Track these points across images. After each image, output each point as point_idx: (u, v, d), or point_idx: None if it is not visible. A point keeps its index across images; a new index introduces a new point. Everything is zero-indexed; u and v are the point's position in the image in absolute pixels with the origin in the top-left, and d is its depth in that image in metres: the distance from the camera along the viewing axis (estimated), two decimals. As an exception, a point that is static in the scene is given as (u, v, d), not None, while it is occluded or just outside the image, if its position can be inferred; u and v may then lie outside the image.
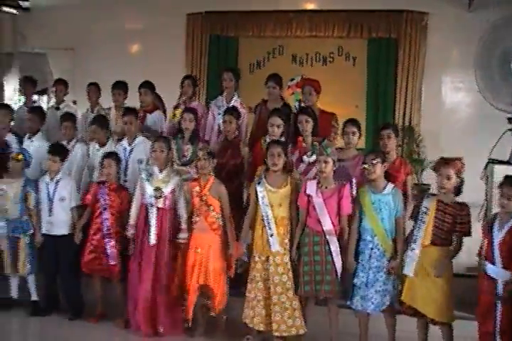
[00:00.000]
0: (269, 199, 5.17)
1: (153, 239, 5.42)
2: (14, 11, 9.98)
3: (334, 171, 5.11)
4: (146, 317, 5.42)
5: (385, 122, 7.86)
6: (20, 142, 6.67)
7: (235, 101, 6.68)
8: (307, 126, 5.81)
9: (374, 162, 4.96)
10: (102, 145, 6.38)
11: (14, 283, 6.11)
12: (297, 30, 9.56)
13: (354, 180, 5.45)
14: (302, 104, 6.87)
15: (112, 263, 5.67)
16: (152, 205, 5.46)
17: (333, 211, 5.04)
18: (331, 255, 5.01)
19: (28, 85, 7.62)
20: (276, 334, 5.11)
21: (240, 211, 5.66)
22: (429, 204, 4.85)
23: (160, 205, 5.46)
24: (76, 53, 10.12)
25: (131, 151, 6.23)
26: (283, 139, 5.76)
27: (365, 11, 9.13)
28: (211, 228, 5.30)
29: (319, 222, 5.03)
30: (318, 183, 5.10)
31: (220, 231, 5.34)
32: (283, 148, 5.22)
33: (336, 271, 5.00)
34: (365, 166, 4.99)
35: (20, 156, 5.95)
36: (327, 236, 5.02)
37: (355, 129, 5.81)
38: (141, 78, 6.98)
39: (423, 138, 8.78)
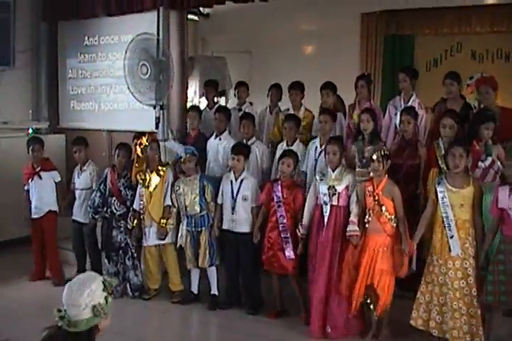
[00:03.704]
0: (450, 199, 4.99)
1: (327, 236, 5.43)
2: (196, 18, 10.45)
3: None
4: (318, 317, 5.45)
5: None
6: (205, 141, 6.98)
7: (413, 102, 6.50)
8: (490, 133, 5.42)
9: None
10: (290, 144, 6.43)
11: (195, 278, 6.36)
12: (477, 26, 9.20)
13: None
14: (481, 105, 6.49)
15: (288, 259, 5.74)
16: (326, 203, 5.48)
17: None
18: None
19: (211, 88, 7.88)
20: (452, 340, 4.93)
21: (415, 213, 5.50)
22: None
23: (334, 203, 5.46)
24: (253, 56, 10.43)
25: (320, 152, 6.17)
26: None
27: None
28: (384, 229, 5.20)
29: None
30: (510, 188, 4.83)
31: (392, 233, 5.21)
32: (464, 148, 5.03)
33: None
34: None
35: (186, 158, 6.20)
36: None
37: None
38: (317, 79, 7.01)
39: None
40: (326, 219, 5.48)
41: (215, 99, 7.84)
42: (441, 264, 5.01)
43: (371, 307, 5.26)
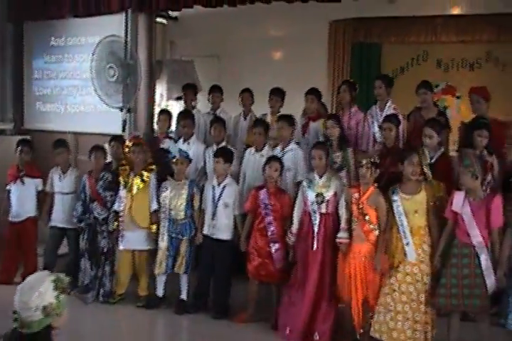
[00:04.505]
0: (404, 206, 5.05)
1: (316, 244, 5.40)
2: (164, 21, 10.41)
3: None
4: (305, 324, 5.40)
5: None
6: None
7: (389, 108, 6.54)
8: (485, 141, 5.52)
9: None
10: (259, 150, 6.45)
11: (161, 282, 6.30)
12: (443, 35, 9.35)
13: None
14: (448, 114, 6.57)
15: (277, 267, 5.71)
16: (315, 211, 5.46)
17: (482, 223, 4.83)
18: (481, 268, 4.81)
19: (189, 91, 7.81)
20: None
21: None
22: None
23: (323, 211, 5.45)
24: (221, 60, 10.41)
25: (281, 158, 6.19)
26: (442, 150, 5.65)
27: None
28: (367, 238, 5.20)
29: (468, 234, 4.85)
30: (466, 194, 4.92)
31: (375, 242, 5.20)
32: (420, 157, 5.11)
33: (486, 285, 4.79)
34: None
35: (181, 159, 6.17)
36: (477, 249, 4.83)
37: None
38: (284, 85, 7.04)
39: None
40: (316, 228, 5.44)
41: (193, 103, 7.77)
42: (393, 269, 5.07)
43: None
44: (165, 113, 7.35)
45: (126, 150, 6.36)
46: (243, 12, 7.86)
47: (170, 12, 10.12)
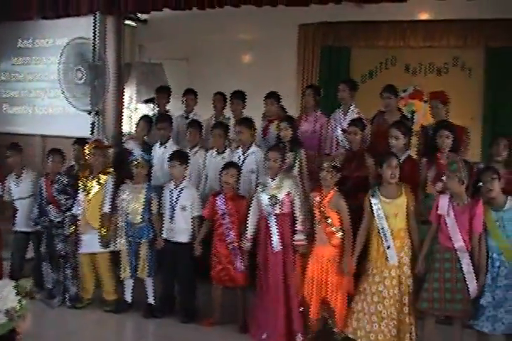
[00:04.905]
0: (384, 210, 5.09)
1: (276, 245, 5.41)
2: (133, 24, 10.36)
3: None
4: (285, 327, 5.39)
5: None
6: (149, 149, 6.92)
7: (352, 112, 6.60)
8: (448, 141, 5.56)
9: (494, 177, 4.80)
10: (221, 152, 6.47)
11: (129, 287, 6.26)
12: (411, 40, 9.44)
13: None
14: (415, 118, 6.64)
15: (238, 271, 5.71)
16: (270, 213, 5.47)
17: (464, 228, 4.88)
18: (463, 273, 4.86)
19: (163, 94, 7.78)
20: None
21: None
22: None
23: (277, 211, 5.45)
24: (190, 63, 10.40)
25: (244, 160, 6.29)
26: (408, 152, 5.71)
27: (482, 20, 8.86)
28: (329, 240, 5.23)
29: (450, 238, 4.90)
30: (450, 198, 4.97)
31: (338, 245, 5.25)
32: (398, 160, 5.17)
33: (468, 289, 4.85)
34: (487, 184, 4.85)
35: (142, 163, 6.14)
36: (458, 254, 4.88)
37: None
38: (253, 88, 7.06)
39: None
40: (273, 230, 5.44)
41: (166, 106, 7.74)
42: (374, 273, 5.09)
43: (329, 321, 5.26)
44: (145, 119, 7.29)
45: (87, 152, 6.32)
46: (213, 15, 7.86)
47: (139, 14, 10.09)
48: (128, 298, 6.28)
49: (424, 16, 9.43)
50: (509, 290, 4.75)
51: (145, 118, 7.35)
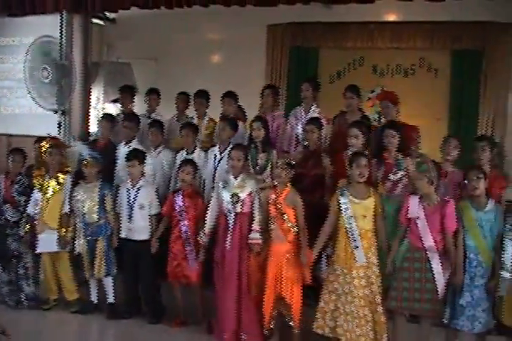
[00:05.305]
0: (353, 210, 5.11)
1: (228, 244, 5.45)
2: (101, 22, 10.28)
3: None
4: (231, 324, 5.43)
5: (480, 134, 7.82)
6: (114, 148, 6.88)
7: (313, 112, 6.63)
8: (394, 141, 5.63)
9: (480, 176, 4.87)
10: (191, 152, 6.47)
11: (94, 287, 6.23)
12: (378, 41, 9.49)
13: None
14: (382, 119, 6.68)
15: (191, 268, 5.73)
16: (230, 211, 5.49)
17: (435, 228, 4.93)
18: (432, 273, 4.91)
19: (127, 94, 7.71)
20: None
21: (320, 222, 5.51)
22: None
23: (238, 210, 5.48)
24: (159, 63, 10.35)
25: (220, 160, 6.28)
26: (366, 151, 5.70)
27: (448, 23, 8.95)
28: (286, 237, 5.26)
29: (421, 238, 4.95)
30: (420, 198, 5.01)
31: (294, 241, 5.28)
32: (368, 159, 5.21)
33: (437, 289, 4.90)
34: (473, 183, 4.91)
35: (91, 162, 6.08)
36: (428, 253, 4.93)
37: None
38: (222, 89, 7.04)
39: (508, 152, 8.49)
40: (231, 227, 5.48)
41: (130, 105, 7.67)
42: (345, 273, 5.10)
43: (286, 319, 5.27)
44: (108, 117, 7.19)
45: (43, 150, 6.24)
46: (181, 15, 7.83)
47: (107, 13, 10.00)
48: (94, 298, 6.24)
49: (391, 18, 9.49)
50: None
51: (107, 117, 7.24)
